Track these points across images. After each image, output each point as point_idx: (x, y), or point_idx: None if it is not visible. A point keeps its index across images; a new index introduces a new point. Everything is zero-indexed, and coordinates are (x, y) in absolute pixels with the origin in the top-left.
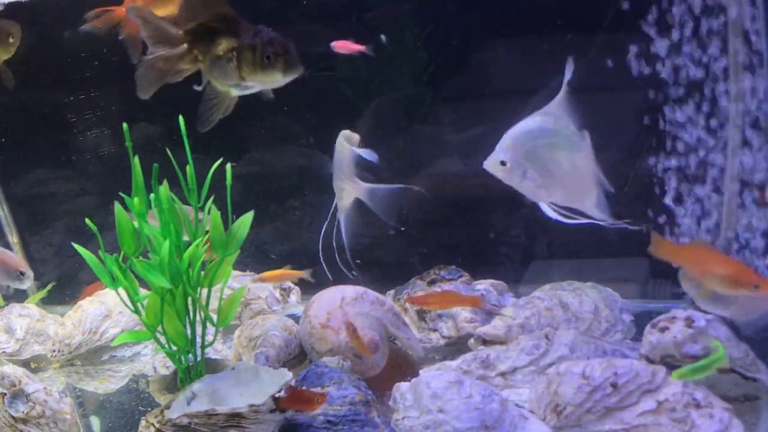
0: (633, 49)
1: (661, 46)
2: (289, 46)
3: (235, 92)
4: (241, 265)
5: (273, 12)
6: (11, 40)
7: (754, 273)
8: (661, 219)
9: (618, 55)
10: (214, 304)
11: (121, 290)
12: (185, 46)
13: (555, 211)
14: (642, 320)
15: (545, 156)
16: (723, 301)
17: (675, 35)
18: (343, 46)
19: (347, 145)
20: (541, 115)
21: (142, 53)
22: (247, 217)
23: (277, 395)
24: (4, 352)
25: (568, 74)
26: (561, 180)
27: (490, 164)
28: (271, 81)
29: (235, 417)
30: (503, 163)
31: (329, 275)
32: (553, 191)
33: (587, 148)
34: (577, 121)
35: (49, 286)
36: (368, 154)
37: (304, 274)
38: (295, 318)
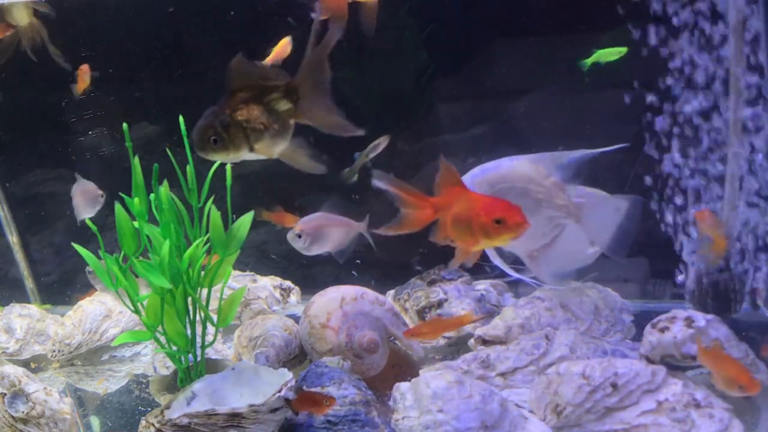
0: (633, 50)
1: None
2: None
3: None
4: (241, 265)
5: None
6: None
7: (749, 377)
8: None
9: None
10: (214, 304)
11: (121, 290)
12: None
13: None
14: (642, 320)
15: (515, 201)
16: None
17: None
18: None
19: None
20: (527, 160)
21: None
22: (247, 218)
23: (286, 397)
24: (4, 352)
25: (600, 150)
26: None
27: None
28: None
29: (235, 417)
30: None
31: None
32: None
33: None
34: (570, 178)
35: (47, 307)
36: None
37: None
38: (295, 318)
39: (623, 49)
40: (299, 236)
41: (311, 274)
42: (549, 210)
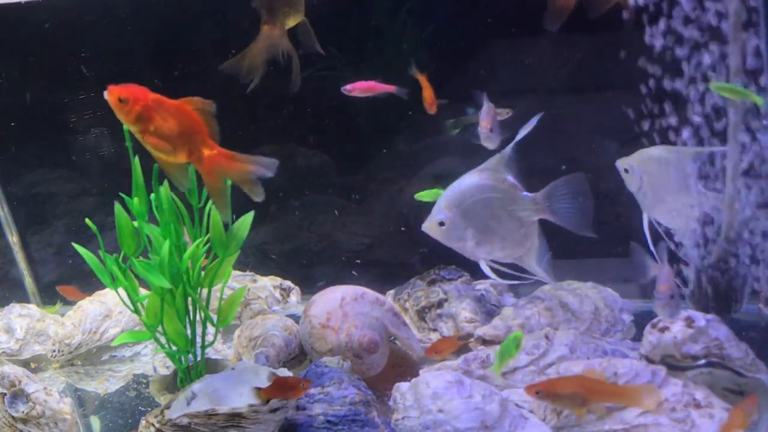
0: (630, 49)
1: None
2: None
3: None
4: (241, 264)
5: None
6: None
7: None
8: None
9: (615, 55)
10: (214, 304)
11: (121, 290)
12: None
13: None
14: (642, 320)
15: (483, 213)
16: None
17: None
18: (366, 89)
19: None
20: (477, 172)
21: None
22: (247, 218)
23: (258, 387)
24: (4, 352)
25: (526, 130)
26: (501, 235)
27: (429, 226)
28: None
29: (235, 417)
30: (442, 224)
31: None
32: (493, 248)
33: (529, 203)
34: (517, 174)
35: (57, 307)
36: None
37: None
38: (295, 318)
39: None
40: None
41: (311, 274)
42: (516, 211)
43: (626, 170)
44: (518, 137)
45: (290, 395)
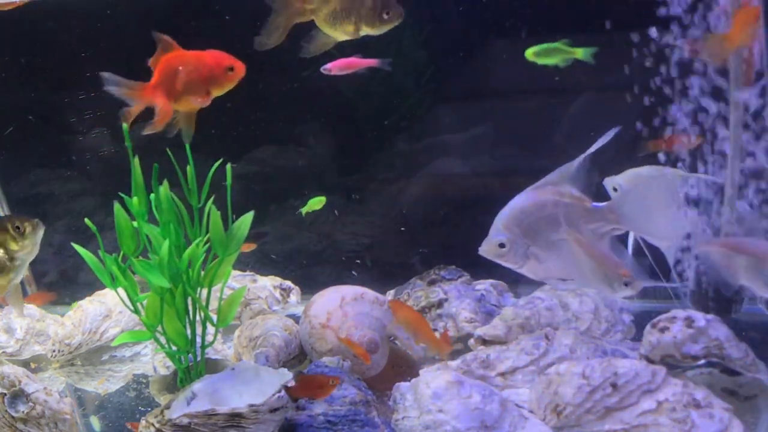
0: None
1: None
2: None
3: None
4: (241, 264)
5: None
6: None
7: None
8: None
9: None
10: (214, 304)
11: (121, 290)
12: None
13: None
14: (642, 320)
15: (547, 231)
16: None
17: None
18: (346, 65)
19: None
20: (536, 188)
21: None
22: (247, 218)
23: (286, 385)
24: (4, 352)
25: (600, 143)
26: (569, 253)
27: (488, 249)
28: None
29: (235, 417)
30: (502, 246)
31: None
32: (563, 267)
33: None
34: (585, 185)
35: (75, 305)
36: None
37: None
38: (295, 318)
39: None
40: None
41: (311, 274)
42: (586, 225)
43: (615, 189)
44: (590, 150)
45: (318, 394)
